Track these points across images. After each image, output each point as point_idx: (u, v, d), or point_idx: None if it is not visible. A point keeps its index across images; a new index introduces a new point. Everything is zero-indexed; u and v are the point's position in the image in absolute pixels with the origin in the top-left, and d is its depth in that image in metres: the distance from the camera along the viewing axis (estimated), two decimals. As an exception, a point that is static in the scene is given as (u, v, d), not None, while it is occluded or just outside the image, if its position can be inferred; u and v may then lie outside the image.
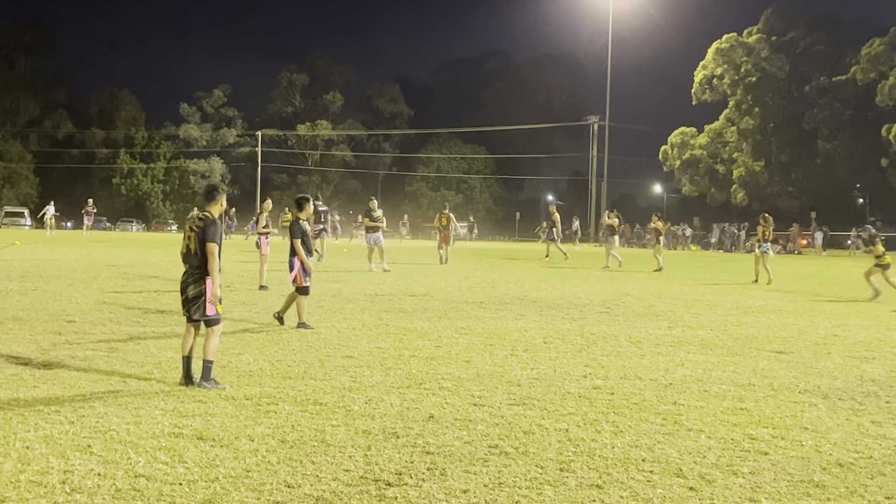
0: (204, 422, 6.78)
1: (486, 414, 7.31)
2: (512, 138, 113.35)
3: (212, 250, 8.14)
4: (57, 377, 8.34)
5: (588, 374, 9.30)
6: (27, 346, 10.03)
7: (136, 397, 7.58)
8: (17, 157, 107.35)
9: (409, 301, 16.40)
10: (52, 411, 6.98)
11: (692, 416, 7.47)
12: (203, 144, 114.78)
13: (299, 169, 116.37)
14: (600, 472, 5.79)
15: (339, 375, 8.87)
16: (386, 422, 6.95)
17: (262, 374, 8.82)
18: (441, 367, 9.48)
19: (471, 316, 14.33)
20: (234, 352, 10.13)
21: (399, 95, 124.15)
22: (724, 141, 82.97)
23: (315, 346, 10.76)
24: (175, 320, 12.65)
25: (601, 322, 14.03)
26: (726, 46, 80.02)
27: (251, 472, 5.60)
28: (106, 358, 9.45)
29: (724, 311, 16.24)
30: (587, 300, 17.62)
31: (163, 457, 5.86)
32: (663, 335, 12.64)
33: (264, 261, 18.88)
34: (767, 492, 5.51)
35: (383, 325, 12.83)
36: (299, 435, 6.50)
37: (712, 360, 10.55)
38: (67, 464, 5.65)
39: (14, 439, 6.15)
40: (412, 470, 5.73)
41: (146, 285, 18.05)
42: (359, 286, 19.27)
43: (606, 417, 7.31)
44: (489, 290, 19.51)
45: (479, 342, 11.42)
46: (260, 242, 19.33)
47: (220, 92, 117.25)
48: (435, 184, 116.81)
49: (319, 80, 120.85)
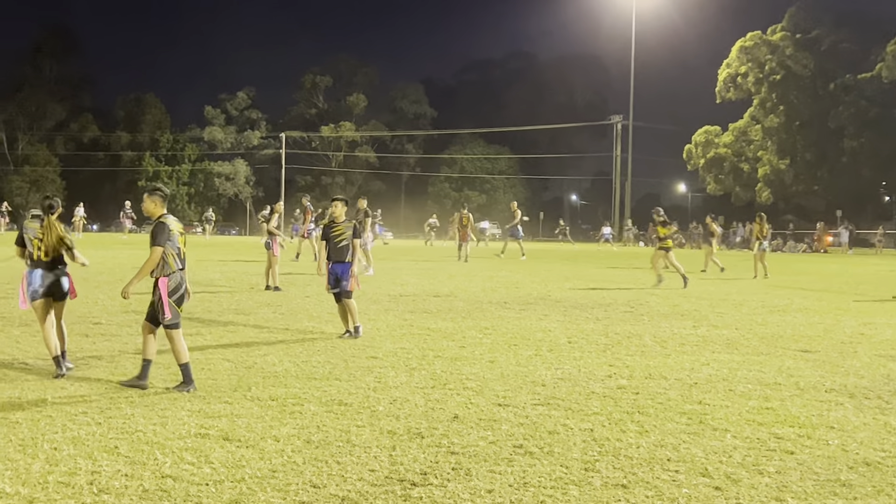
0: (230, 422, 6.82)
1: (511, 414, 7.32)
2: (535, 138, 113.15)
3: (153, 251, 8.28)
4: (84, 379, 8.41)
5: (613, 374, 9.29)
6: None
7: (162, 398, 7.63)
8: (43, 161, 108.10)
9: (434, 302, 16.41)
10: (80, 413, 7.03)
11: (718, 415, 7.45)
12: (227, 147, 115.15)
13: (323, 170, 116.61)
14: (625, 472, 5.79)
15: (364, 376, 8.89)
16: (411, 422, 6.97)
17: (287, 375, 8.86)
18: (465, 368, 9.49)
19: (495, 316, 14.33)
20: (259, 353, 10.17)
21: (422, 96, 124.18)
22: (748, 139, 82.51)
23: (339, 346, 10.79)
24: (200, 321, 12.72)
25: (625, 322, 13.99)
26: (750, 44, 79.55)
27: (277, 472, 5.63)
28: (132, 359, 9.52)
29: (749, 310, 16.17)
30: (611, 300, 17.58)
31: (189, 457, 5.89)
32: (688, 334, 12.60)
33: (275, 262, 18.78)
34: (794, 491, 5.50)
35: (407, 326, 12.85)
36: (324, 435, 6.52)
37: (738, 359, 10.51)
38: (95, 465, 5.70)
39: (42, 440, 6.21)
40: (437, 470, 5.75)
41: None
42: (383, 287, 19.29)
43: (631, 417, 7.30)
44: (513, 290, 19.49)
45: (504, 342, 11.42)
46: (271, 243, 19.12)
47: (244, 94, 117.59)
48: (458, 184, 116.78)
49: (343, 81, 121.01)
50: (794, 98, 78.33)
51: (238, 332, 11.91)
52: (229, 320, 13.07)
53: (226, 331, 11.95)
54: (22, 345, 10.30)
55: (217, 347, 10.49)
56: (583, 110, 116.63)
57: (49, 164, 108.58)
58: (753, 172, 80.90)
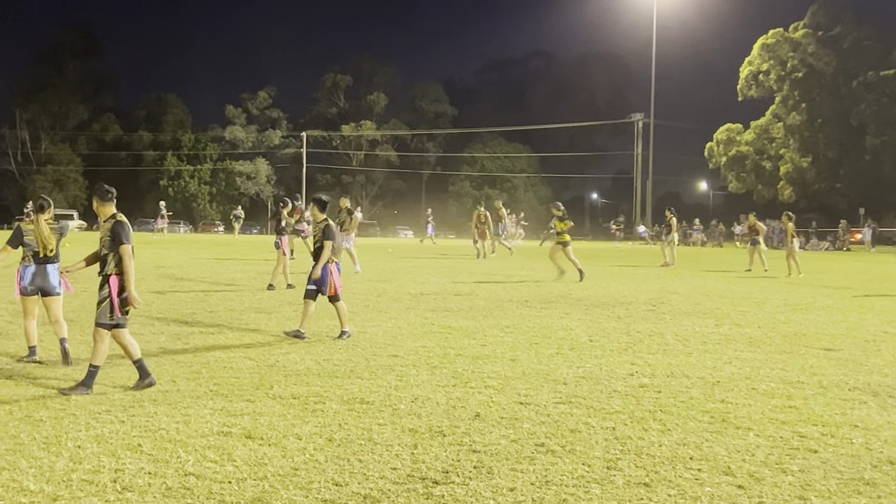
0: (252, 421, 6.84)
1: (533, 412, 7.31)
2: (556, 137, 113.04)
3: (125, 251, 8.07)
4: (107, 377, 8.45)
5: (634, 373, 9.27)
6: (78, 347, 10.16)
7: (185, 396, 7.66)
8: (66, 161, 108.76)
9: (455, 300, 16.41)
10: (103, 411, 7.07)
11: (740, 413, 7.42)
12: (249, 146, 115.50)
13: (344, 169, 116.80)
14: (648, 471, 5.78)
15: (386, 374, 8.91)
16: (432, 420, 6.98)
17: (308, 374, 8.88)
18: (487, 366, 9.49)
19: (516, 314, 14.32)
20: (280, 351, 10.20)
21: (443, 96, 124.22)
22: (770, 137, 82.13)
23: (361, 345, 10.81)
24: (223, 320, 12.77)
25: (647, 320, 13.96)
26: (772, 42, 79.21)
27: (299, 470, 5.65)
28: (155, 358, 9.56)
29: (772, 309, 16.09)
30: (633, 298, 17.53)
31: (212, 455, 5.92)
32: (710, 333, 12.55)
33: (285, 260, 18.84)
34: (817, 490, 5.47)
35: (429, 324, 12.86)
36: (346, 433, 6.54)
37: (760, 357, 10.47)
38: (118, 463, 5.73)
39: (66, 439, 6.25)
40: (459, 468, 5.75)
41: (194, 286, 18.18)
42: (404, 286, 19.30)
43: (653, 416, 7.28)
44: (534, 288, 19.46)
45: (525, 341, 11.41)
46: (281, 242, 19.05)
47: (264, 94, 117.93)
48: (479, 183, 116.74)
49: (363, 80, 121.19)
50: (817, 96, 77.96)
51: (260, 330, 11.95)
52: (251, 319, 13.11)
53: (248, 329, 11.99)
54: (45, 344, 10.34)
55: (239, 346, 10.52)
56: (603, 108, 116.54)
57: (72, 163, 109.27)
58: (775, 170, 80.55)
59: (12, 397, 7.49)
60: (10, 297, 14.84)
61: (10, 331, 11.32)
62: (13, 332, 11.17)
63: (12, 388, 7.80)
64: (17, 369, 8.75)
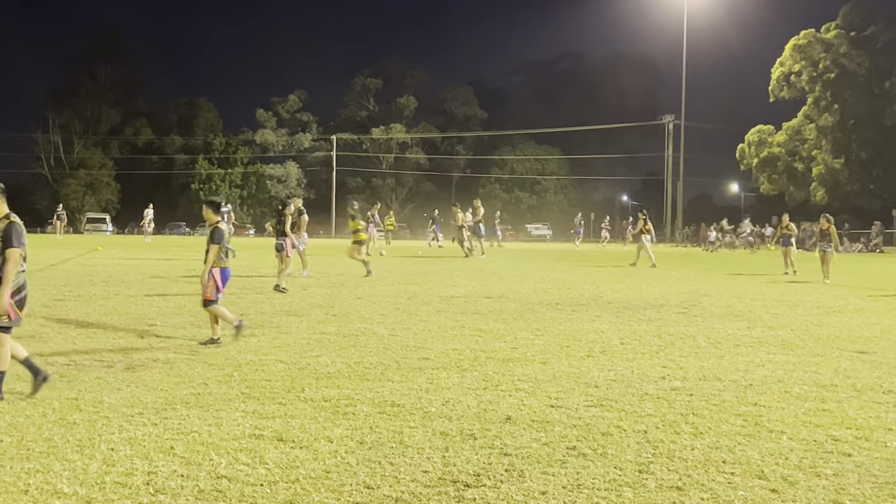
0: (284, 423, 6.86)
1: (564, 415, 7.29)
2: (586, 139, 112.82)
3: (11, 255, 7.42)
4: (140, 380, 8.50)
5: (666, 376, 9.22)
6: (111, 350, 10.24)
7: (217, 399, 7.69)
8: (98, 165, 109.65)
9: (485, 303, 16.40)
10: (136, 413, 7.11)
11: (773, 417, 7.37)
12: (279, 149, 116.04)
13: (374, 172, 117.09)
14: (680, 474, 5.75)
15: (416, 377, 8.91)
16: (463, 423, 6.97)
17: (339, 376, 8.89)
18: (517, 369, 9.47)
19: (546, 317, 14.29)
20: (312, 354, 10.22)
21: (472, 98, 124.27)
22: (802, 138, 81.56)
23: (392, 348, 10.82)
24: (254, 323, 12.82)
25: (679, 323, 13.89)
26: (804, 43, 78.68)
27: (331, 473, 5.66)
28: (187, 361, 9.61)
29: (804, 311, 15.98)
30: (664, 301, 17.46)
31: (244, 458, 5.94)
32: (743, 336, 12.48)
33: (288, 263, 18.90)
34: (851, 494, 5.42)
35: (459, 327, 12.85)
36: (377, 436, 6.54)
37: (793, 360, 10.39)
38: (151, 465, 5.76)
39: (99, 441, 6.29)
40: (490, 471, 5.74)
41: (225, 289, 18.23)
42: (434, 289, 19.31)
43: (686, 419, 7.24)
44: (565, 291, 19.43)
45: (556, 343, 11.39)
46: (284, 244, 19.02)
47: (295, 97, 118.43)
48: (508, 185, 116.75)
49: (393, 83, 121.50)
50: (849, 96, 77.34)
51: (291, 333, 11.98)
52: (282, 322, 13.15)
53: (279, 332, 12.03)
54: (79, 346, 10.44)
55: (271, 349, 10.56)
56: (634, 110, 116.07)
57: (104, 167, 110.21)
58: (808, 172, 79.97)
59: (45, 400, 7.54)
60: (44, 301, 14.98)
61: (44, 334, 11.40)
62: (47, 336, 11.25)
63: (46, 391, 7.85)
64: (51, 372, 8.81)
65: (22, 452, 5.99)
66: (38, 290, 15.73)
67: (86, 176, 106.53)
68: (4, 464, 5.73)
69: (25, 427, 6.63)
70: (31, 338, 11.04)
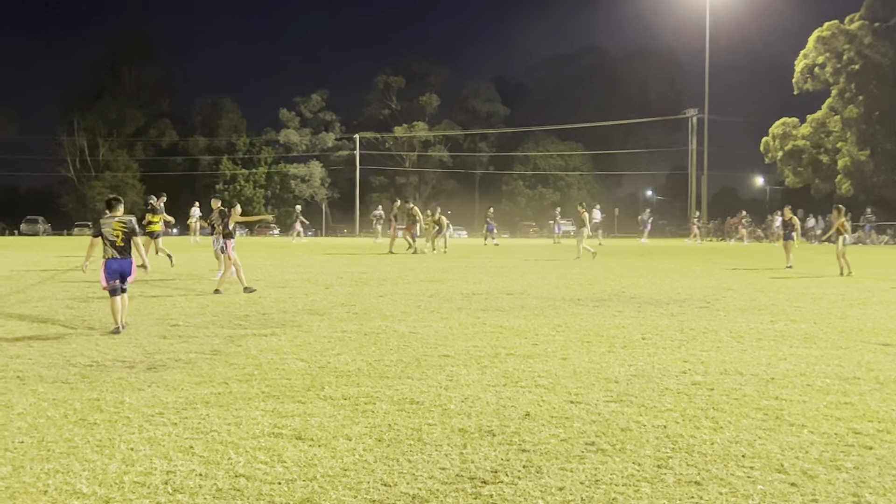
0: (302, 422, 6.87)
1: (583, 411, 7.27)
2: (609, 134, 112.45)
3: None
4: (161, 380, 8.54)
5: (687, 370, 9.18)
6: (133, 350, 10.30)
7: (237, 398, 7.72)
8: (123, 167, 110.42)
9: (506, 299, 16.39)
10: (156, 413, 7.14)
11: (794, 410, 7.32)
12: (303, 149, 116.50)
13: (397, 170, 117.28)
14: (699, 469, 5.72)
15: (436, 374, 8.91)
16: (482, 420, 6.96)
17: (359, 374, 8.90)
18: (537, 365, 9.46)
19: (568, 313, 14.26)
20: (332, 352, 10.24)
21: (495, 95, 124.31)
22: (827, 131, 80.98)
23: (412, 345, 10.82)
24: (275, 322, 12.86)
25: (701, 317, 13.83)
26: (827, 34, 78.15)
27: (349, 470, 5.66)
28: (208, 360, 9.65)
29: (828, 304, 15.88)
30: (687, 295, 17.39)
31: (262, 457, 5.95)
32: (765, 329, 12.41)
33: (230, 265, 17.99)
34: (872, 487, 5.38)
35: (480, 324, 12.84)
36: (396, 434, 6.54)
37: (816, 353, 10.33)
38: (170, 465, 5.78)
39: (119, 441, 6.32)
40: (508, 468, 5.73)
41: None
42: (456, 285, 19.32)
43: (706, 413, 7.21)
44: (586, 287, 19.38)
45: (576, 339, 11.36)
46: (226, 246, 18.11)
47: (317, 97, 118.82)
48: (532, 182, 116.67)
49: (415, 81, 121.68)
50: (874, 88, 76.75)
51: (312, 331, 12.00)
52: (303, 320, 13.18)
53: (300, 330, 12.05)
54: (101, 347, 10.50)
55: (292, 347, 10.58)
56: (657, 104, 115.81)
57: (129, 169, 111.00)
58: (833, 164, 79.43)
59: (66, 400, 7.59)
60: (69, 302, 15.09)
61: (67, 335, 11.48)
62: (70, 336, 11.33)
63: (67, 392, 7.91)
64: (73, 373, 8.87)
65: (42, 453, 6.02)
66: (63, 292, 15.84)
67: (111, 178, 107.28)
68: (25, 465, 5.77)
69: (46, 428, 6.68)
70: (54, 339, 11.13)
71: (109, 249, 12.11)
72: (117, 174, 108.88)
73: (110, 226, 12.19)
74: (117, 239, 12.15)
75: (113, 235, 12.16)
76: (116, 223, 12.23)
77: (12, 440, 6.34)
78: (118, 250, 12.12)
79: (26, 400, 7.59)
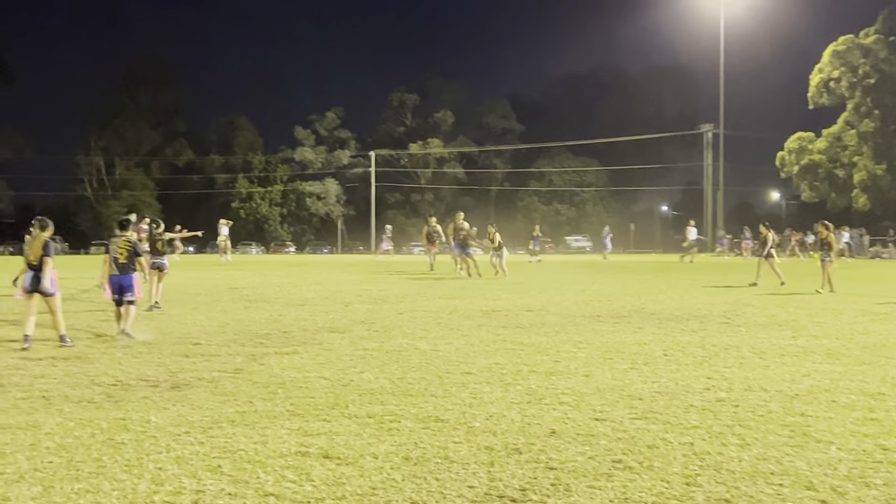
0: (329, 440, 6.88)
1: (609, 428, 7.26)
2: (624, 150, 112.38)
3: None
4: (185, 399, 8.56)
5: (711, 387, 9.16)
6: (156, 369, 10.32)
7: (262, 417, 7.73)
8: (140, 186, 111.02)
9: (526, 316, 16.38)
10: (183, 432, 7.16)
11: (821, 427, 7.30)
12: (318, 167, 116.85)
13: (412, 187, 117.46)
14: (728, 486, 5.70)
15: (459, 392, 8.90)
16: (508, 438, 6.96)
17: (383, 392, 8.91)
18: (560, 382, 9.45)
19: (588, 330, 14.25)
20: (355, 370, 10.25)
21: (509, 112, 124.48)
22: (843, 145, 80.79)
23: (434, 363, 10.82)
24: (296, 340, 12.88)
25: (722, 333, 13.80)
26: (842, 48, 78.09)
27: (377, 489, 5.66)
28: (232, 379, 9.67)
29: (849, 319, 15.82)
30: (706, 311, 17.35)
31: (290, 475, 5.96)
32: (787, 345, 12.37)
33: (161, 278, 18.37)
34: (903, 504, 5.36)
35: (501, 341, 12.84)
36: (422, 452, 6.54)
37: (839, 369, 10.29)
38: (199, 484, 5.79)
39: (147, 461, 6.33)
40: (536, 486, 5.72)
41: (268, 307, 18.37)
42: (475, 302, 19.32)
43: (732, 430, 7.19)
44: (606, 303, 19.36)
45: (598, 356, 11.34)
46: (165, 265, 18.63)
47: (332, 114, 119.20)
48: (547, 198, 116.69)
49: (430, 98, 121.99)
50: (890, 101, 76.61)
51: (333, 349, 12.01)
52: (324, 338, 13.19)
53: (321, 348, 12.07)
54: (124, 366, 10.53)
55: (314, 366, 10.59)
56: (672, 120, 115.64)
57: (146, 188, 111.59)
58: (849, 178, 79.26)
59: (93, 420, 7.62)
60: (90, 322, 15.15)
61: (91, 355, 11.52)
62: (93, 356, 11.38)
63: (93, 411, 7.94)
64: (98, 392, 8.90)
65: (72, 473, 6.04)
66: (84, 311, 15.91)
67: (128, 197, 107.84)
68: (55, 485, 5.79)
69: (74, 448, 6.70)
70: (77, 358, 11.18)
71: (113, 266, 13.56)
72: (134, 193, 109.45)
73: (116, 244, 13.61)
74: (120, 256, 13.52)
75: (117, 253, 13.55)
76: (122, 242, 13.62)
77: (41, 460, 6.36)
78: (119, 267, 13.50)
79: (53, 420, 7.63)
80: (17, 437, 7.01)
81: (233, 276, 31.86)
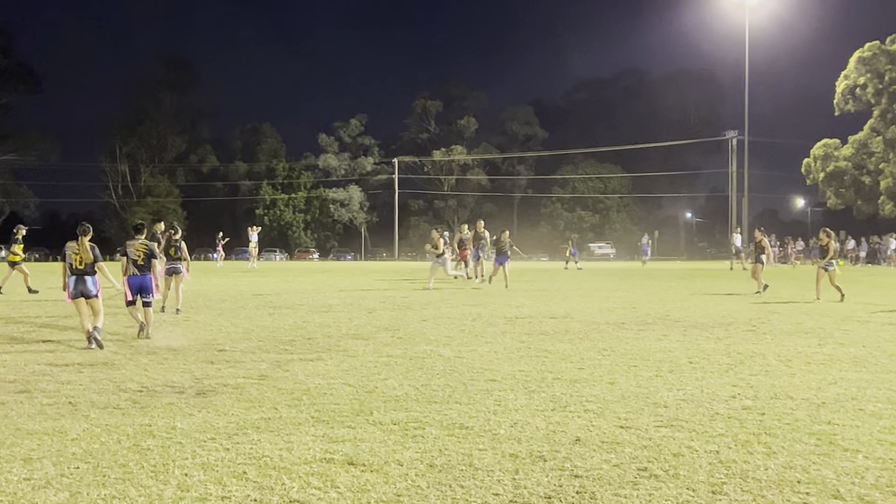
0: (354, 447, 6.89)
1: (634, 436, 7.24)
2: (648, 156, 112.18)
3: None
4: (211, 405, 8.59)
5: (737, 395, 9.12)
6: (181, 376, 10.36)
7: (287, 423, 7.75)
8: (165, 192, 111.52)
9: (550, 323, 16.35)
10: (208, 438, 7.18)
11: (847, 435, 7.25)
12: (342, 173, 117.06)
13: (436, 194, 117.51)
14: (754, 495, 5.67)
15: (484, 399, 8.90)
16: (532, 445, 6.94)
17: (407, 399, 8.91)
18: (585, 390, 9.42)
19: (613, 337, 14.21)
20: (379, 377, 10.26)
21: (532, 118, 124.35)
22: (869, 152, 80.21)
23: (458, 370, 10.82)
24: (321, 347, 12.90)
25: (748, 341, 13.73)
26: (868, 55, 77.59)
27: (402, 496, 5.66)
28: (257, 385, 9.69)
29: (876, 327, 15.72)
30: (732, 319, 17.27)
31: (315, 482, 5.97)
32: (813, 353, 12.30)
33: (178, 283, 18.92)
34: (932, 514, 5.32)
35: (525, 348, 12.82)
36: (447, 459, 6.54)
37: (866, 377, 10.22)
38: (225, 490, 5.81)
39: (173, 467, 6.36)
40: (561, 493, 5.71)
41: (292, 313, 18.42)
42: (499, 310, 19.31)
43: (758, 438, 7.15)
44: (630, 310, 19.31)
45: (623, 363, 11.31)
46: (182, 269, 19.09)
47: (356, 121, 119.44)
48: (571, 204, 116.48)
49: (453, 105, 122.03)
50: (916, 108, 76.04)
51: (357, 356, 12.03)
52: (349, 345, 13.21)
53: (345, 355, 12.08)
54: (150, 373, 10.57)
55: (338, 372, 10.61)
56: (696, 126, 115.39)
57: (170, 195, 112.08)
58: (875, 185, 78.67)
59: (119, 426, 7.65)
60: (115, 329, 15.23)
61: (117, 361, 11.58)
62: (119, 362, 11.43)
63: (119, 417, 7.98)
64: (124, 398, 8.95)
65: (98, 479, 6.07)
66: (110, 319, 15.97)
67: (153, 203, 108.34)
68: (81, 490, 5.82)
69: (101, 454, 6.73)
70: (103, 364, 11.23)
71: (131, 267, 14.27)
72: (159, 199, 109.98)
73: (134, 247, 14.31)
74: (139, 258, 14.27)
75: (135, 255, 14.28)
76: (140, 244, 14.36)
77: (68, 466, 6.40)
78: (139, 268, 14.28)
79: (79, 426, 7.67)
80: (44, 443, 7.05)
81: (257, 283, 31.97)
